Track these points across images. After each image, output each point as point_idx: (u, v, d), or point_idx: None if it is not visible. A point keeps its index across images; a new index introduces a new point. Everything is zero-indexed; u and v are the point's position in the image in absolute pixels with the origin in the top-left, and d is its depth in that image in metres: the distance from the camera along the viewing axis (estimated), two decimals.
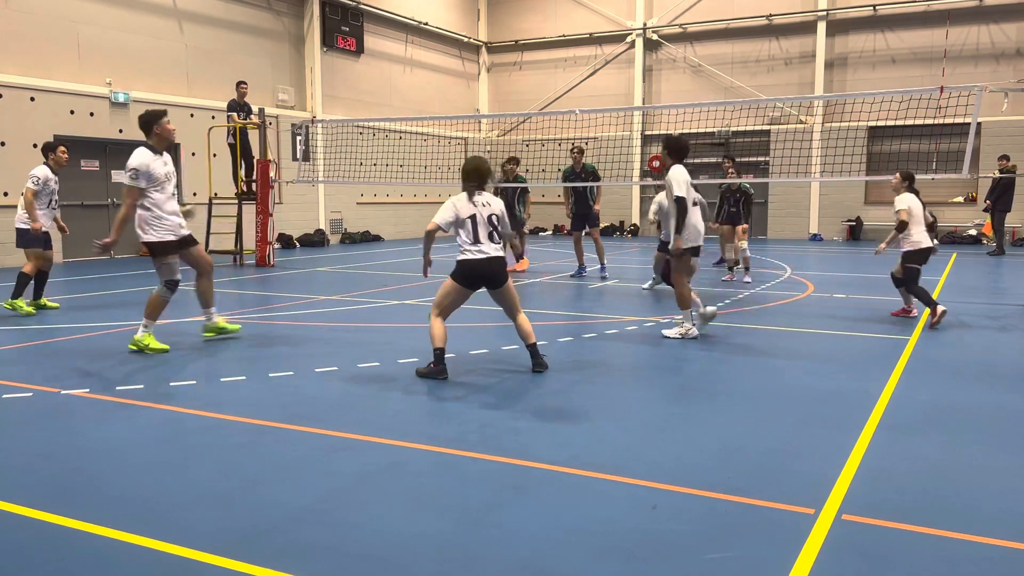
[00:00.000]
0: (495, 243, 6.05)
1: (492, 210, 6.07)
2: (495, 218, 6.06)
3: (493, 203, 6.11)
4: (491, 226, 6.04)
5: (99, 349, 7.08)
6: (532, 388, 5.69)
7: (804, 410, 5.10)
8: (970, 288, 11.57)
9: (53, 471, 4.04)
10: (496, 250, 6.04)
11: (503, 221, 6.14)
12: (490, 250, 6.00)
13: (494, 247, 6.03)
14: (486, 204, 6.06)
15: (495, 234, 6.06)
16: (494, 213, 6.06)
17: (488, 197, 6.13)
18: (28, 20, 14.53)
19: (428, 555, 3.09)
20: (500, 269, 6.05)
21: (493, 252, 6.01)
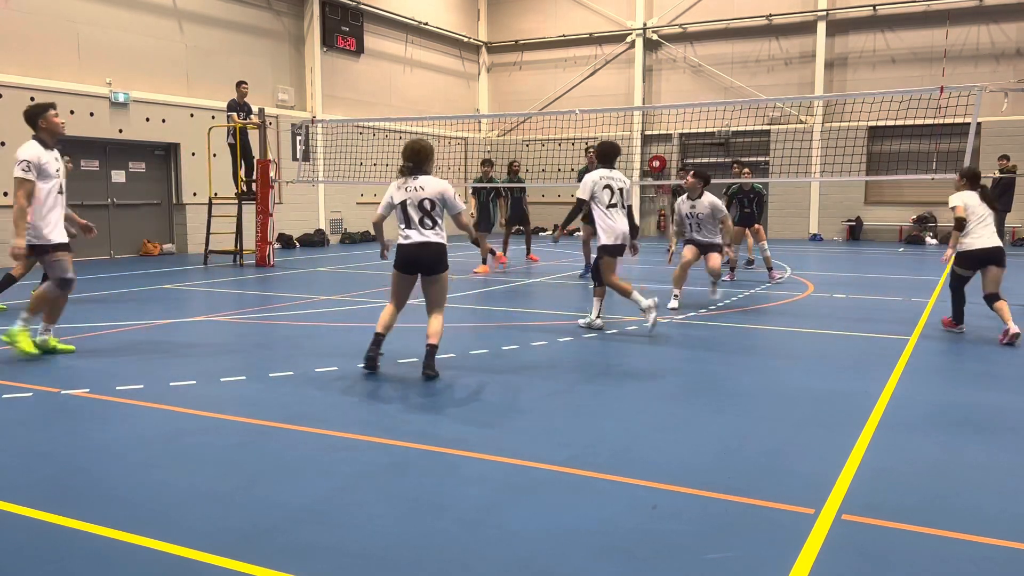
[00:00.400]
0: (427, 228, 5.88)
1: (425, 194, 5.88)
2: (428, 203, 5.88)
3: (428, 187, 5.91)
4: (423, 211, 5.88)
5: (99, 349, 7.08)
6: (532, 388, 5.69)
7: (804, 410, 5.10)
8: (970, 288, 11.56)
9: (53, 471, 4.04)
10: (428, 236, 5.86)
11: (445, 205, 5.95)
12: (418, 235, 5.86)
13: (425, 232, 5.87)
14: (419, 188, 5.89)
15: (428, 219, 5.88)
16: (427, 198, 5.88)
17: (424, 181, 5.94)
18: (28, 20, 14.52)
19: (428, 555, 3.09)
20: (429, 256, 5.89)
21: (422, 237, 5.86)
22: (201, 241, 15.79)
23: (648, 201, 25.52)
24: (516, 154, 24.63)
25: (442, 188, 5.95)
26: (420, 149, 6.02)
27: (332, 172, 18.74)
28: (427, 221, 5.89)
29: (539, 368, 6.32)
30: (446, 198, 5.95)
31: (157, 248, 16.83)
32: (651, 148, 24.80)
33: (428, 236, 5.88)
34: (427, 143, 6.13)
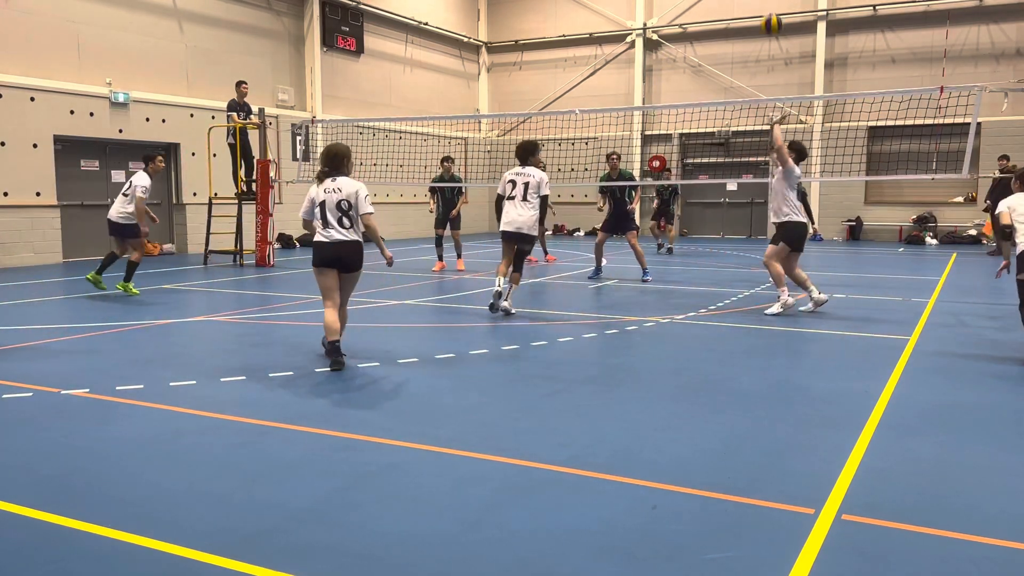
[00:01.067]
0: (345, 227, 6.20)
1: (342, 195, 6.19)
2: (345, 203, 6.18)
3: (345, 188, 6.21)
4: (340, 211, 6.18)
5: (99, 349, 7.08)
6: (532, 388, 5.69)
7: (804, 410, 5.10)
8: (970, 288, 11.58)
9: (53, 471, 4.04)
10: (346, 234, 6.19)
11: (356, 206, 6.21)
12: (337, 234, 6.18)
13: (343, 231, 6.19)
14: (337, 190, 6.20)
15: (345, 219, 6.19)
16: (344, 199, 6.18)
17: (341, 183, 6.24)
18: (28, 20, 14.53)
19: (428, 555, 3.09)
20: (348, 253, 6.22)
21: (340, 236, 6.18)
22: (201, 241, 15.79)
23: (648, 201, 25.50)
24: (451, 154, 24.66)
25: (356, 189, 6.25)
26: (336, 153, 6.34)
27: None
28: (345, 221, 6.21)
29: (539, 368, 6.32)
30: (358, 199, 6.23)
31: (157, 248, 16.83)
32: (651, 148, 24.81)
33: (347, 235, 6.22)
34: (344, 146, 6.43)
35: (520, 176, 8.81)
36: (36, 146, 14.68)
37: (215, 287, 11.61)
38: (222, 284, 11.99)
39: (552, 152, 25.47)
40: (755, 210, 23.67)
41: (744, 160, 22.88)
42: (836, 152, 19.58)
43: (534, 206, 8.71)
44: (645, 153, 24.61)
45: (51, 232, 14.91)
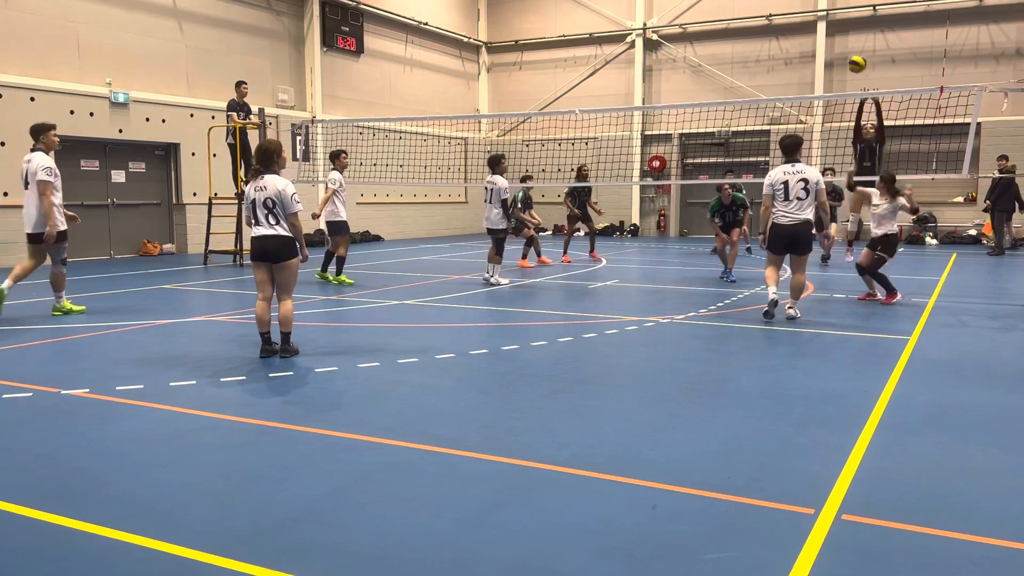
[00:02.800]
0: (271, 223, 6.52)
1: (267, 194, 6.52)
2: (270, 201, 6.52)
3: (269, 187, 6.53)
4: (266, 208, 6.53)
5: (99, 349, 7.08)
6: (532, 388, 5.69)
7: (804, 410, 5.10)
8: (970, 288, 11.58)
9: (53, 471, 4.04)
10: (273, 230, 6.52)
11: (280, 203, 6.52)
12: (264, 229, 6.53)
13: (268, 227, 6.52)
14: (263, 188, 6.54)
15: (271, 216, 6.52)
16: (269, 197, 6.52)
17: (268, 180, 6.56)
18: (28, 20, 14.53)
19: (428, 555, 3.09)
20: (273, 246, 6.52)
21: (266, 231, 6.52)
22: (201, 241, 15.79)
23: (648, 201, 25.52)
24: (516, 154, 24.65)
25: (281, 188, 6.54)
26: (267, 149, 6.68)
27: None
28: (271, 218, 6.54)
29: (539, 368, 6.32)
30: (283, 197, 6.54)
31: (157, 248, 16.83)
32: (651, 148, 24.81)
33: (272, 230, 6.53)
34: (275, 143, 6.78)
35: (489, 184, 11.43)
36: None
37: (215, 287, 11.61)
38: (222, 284, 11.99)
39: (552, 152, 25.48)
40: (755, 210, 23.64)
41: (744, 160, 22.87)
42: (836, 152, 19.59)
43: (498, 207, 11.33)
44: (645, 153, 24.61)
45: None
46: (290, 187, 6.56)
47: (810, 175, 8.30)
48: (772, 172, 8.56)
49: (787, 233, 8.35)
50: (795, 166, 8.40)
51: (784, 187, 8.31)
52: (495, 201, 11.34)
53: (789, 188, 8.29)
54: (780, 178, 8.36)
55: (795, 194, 8.28)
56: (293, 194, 6.54)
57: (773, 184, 8.41)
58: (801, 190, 8.27)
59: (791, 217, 8.31)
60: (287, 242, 6.54)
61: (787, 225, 8.33)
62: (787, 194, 8.31)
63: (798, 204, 8.28)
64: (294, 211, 6.54)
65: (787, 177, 8.33)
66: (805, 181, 8.27)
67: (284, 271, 6.59)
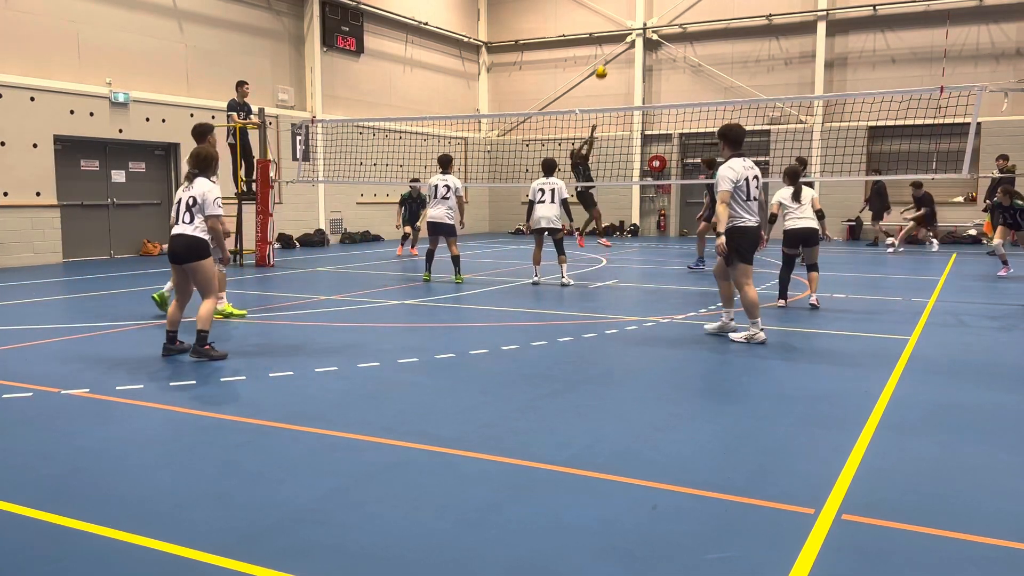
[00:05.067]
0: (184, 221, 6.61)
1: (191, 193, 6.67)
2: (192, 199, 6.65)
3: (194, 188, 6.69)
4: (185, 207, 6.65)
5: (99, 349, 7.08)
6: (532, 388, 5.69)
7: (804, 410, 5.10)
8: (970, 288, 11.58)
9: (53, 471, 4.04)
10: (183, 228, 6.59)
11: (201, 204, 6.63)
12: (178, 229, 6.62)
13: (182, 225, 6.61)
14: (188, 188, 6.72)
15: (188, 213, 6.63)
16: (192, 196, 6.66)
17: (196, 182, 6.71)
18: (28, 20, 14.52)
19: (428, 555, 3.09)
20: (180, 248, 6.58)
21: (178, 230, 6.61)
22: None
23: (648, 201, 25.52)
24: (516, 154, 24.64)
25: (206, 190, 6.68)
26: (207, 155, 6.89)
27: (332, 172, 18.74)
28: (186, 216, 6.65)
29: (539, 368, 6.32)
30: (204, 199, 6.65)
31: (157, 248, 16.82)
32: (651, 148, 24.80)
33: (182, 229, 6.60)
34: (211, 150, 7.04)
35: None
36: (36, 146, 14.68)
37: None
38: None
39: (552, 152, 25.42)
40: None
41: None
42: (836, 152, 19.59)
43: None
44: (645, 153, 24.60)
45: (51, 232, 14.91)
46: (215, 192, 6.69)
47: (758, 171, 7.36)
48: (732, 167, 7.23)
49: (756, 236, 7.37)
50: (746, 161, 7.30)
51: (746, 184, 7.20)
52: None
53: (750, 186, 7.22)
54: (742, 174, 7.17)
55: (754, 194, 7.27)
56: (216, 199, 6.65)
57: (736, 181, 7.17)
58: (756, 189, 7.27)
59: (755, 219, 7.32)
60: (192, 243, 6.56)
61: (754, 228, 7.31)
62: (748, 193, 7.23)
63: (755, 205, 7.31)
64: (213, 214, 6.61)
65: (747, 173, 7.22)
66: (758, 179, 7.31)
67: (196, 274, 6.61)
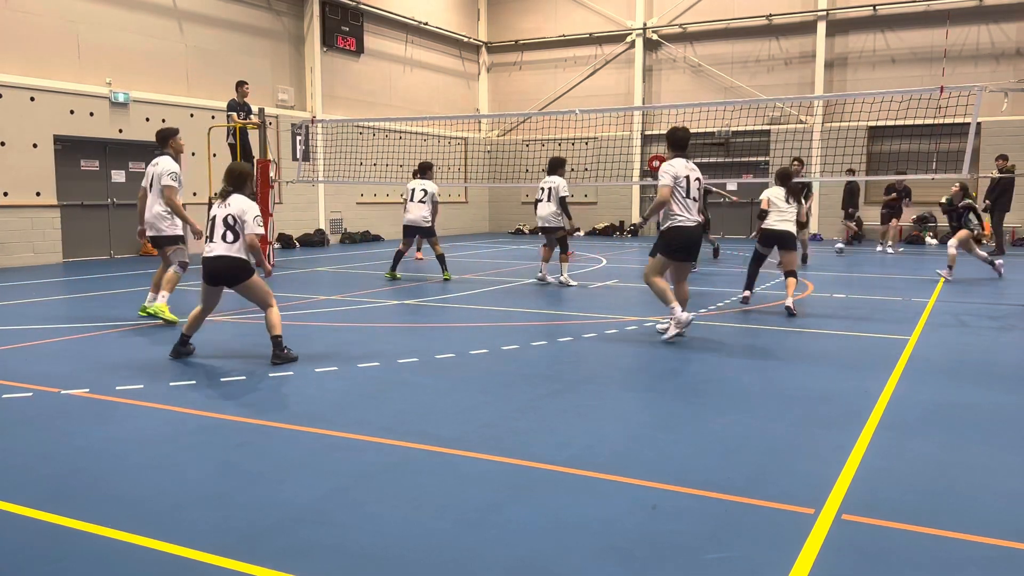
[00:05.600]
0: (227, 242, 6.38)
1: (230, 210, 6.42)
2: (231, 218, 6.40)
3: (233, 204, 6.43)
4: (225, 225, 6.40)
5: (99, 349, 7.08)
6: (532, 388, 5.69)
7: (804, 410, 5.10)
8: (970, 288, 11.57)
9: (53, 471, 4.04)
10: (223, 250, 6.37)
11: (241, 222, 6.40)
12: (217, 249, 6.39)
13: (223, 246, 6.38)
14: (227, 205, 6.45)
15: (229, 232, 6.39)
16: (231, 214, 6.41)
17: (233, 199, 6.46)
18: (28, 20, 14.52)
19: (428, 555, 3.09)
20: (224, 271, 6.38)
21: (218, 251, 6.38)
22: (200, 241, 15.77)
23: (648, 201, 25.51)
24: (516, 154, 24.65)
25: (246, 207, 6.44)
26: (240, 172, 6.62)
27: (332, 172, 18.74)
28: (228, 235, 6.40)
29: (539, 368, 6.32)
30: (245, 217, 6.41)
31: None
32: (651, 148, 24.80)
33: (224, 250, 6.38)
34: (248, 168, 6.78)
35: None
36: (36, 146, 14.68)
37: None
38: None
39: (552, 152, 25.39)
40: (755, 210, 23.69)
41: (744, 160, 22.87)
42: (836, 152, 19.59)
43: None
44: (645, 153, 24.60)
45: (51, 232, 14.91)
46: (255, 210, 6.46)
47: (699, 173, 7.50)
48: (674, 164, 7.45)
49: (689, 236, 7.40)
50: (689, 162, 7.49)
51: (687, 182, 7.36)
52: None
53: (691, 184, 7.37)
54: (683, 172, 7.36)
55: (693, 193, 7.38)
56: (256, 216, 6.42)
57: (677, 178, 7.34)
58: (697, 189, 7.41)
59: (693, 218, 7.40)
60: (235, 264, 6.38)
61: (690, 227, 7.39)
62: (688, 191, 7.36)
63: (695, 204, 7.41)
64: (253, 232, 6.39)
65: (688, 172, 7.38)
66: (699, 180, 7.46)
67: (247, 292, 6.49)
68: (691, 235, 7.40)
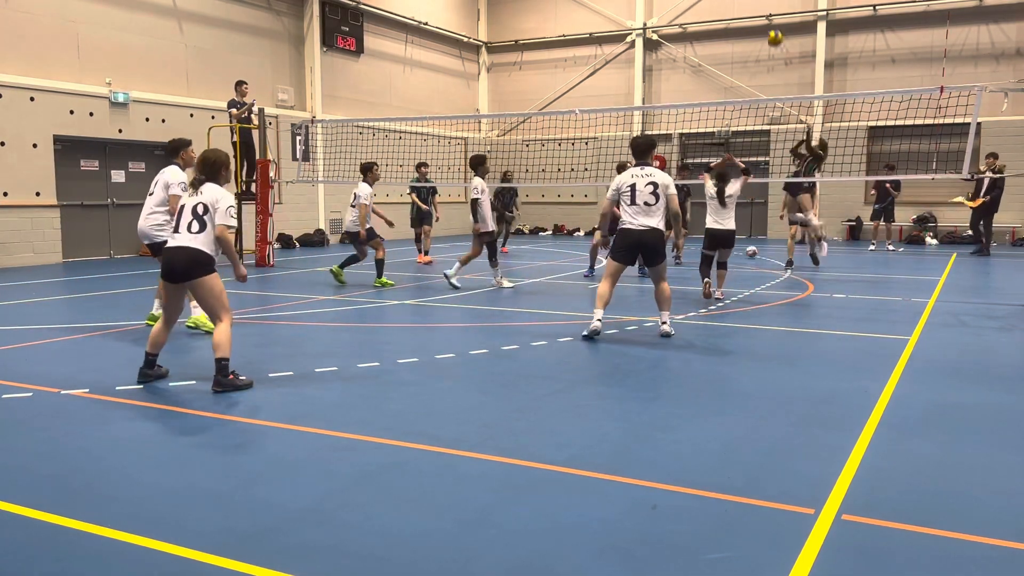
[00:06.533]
0: (191, 232, 5.71)
1: (201, 199, 5.79)
2: (201, 207, 5.77)
3: (206, 193, 5.81)
4: (193, 214, 5.76)
5: (99, 349, 7.08)
6: (531, 388, 5.69)
7: (804, 410, 5.10)
8: (970, 288, 11.58)
9: (53, 471, 4.04)
10: (187, 240, 5.69)
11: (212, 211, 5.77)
12: (180, 240, 5.71)
13: (187, 236, 5.70)
14: (200, 194, 5.84)
15: (196, 222, 5.73)
16: (201, 202, 5.78)
17: (206, 187, 5.85)
18: (28, 20, 14.52)
19: (428, 555, 3.09)
20: (181, 262, 5.66)
21: (180, 242, 5.70)
22: None
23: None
24: (516, 154, 24.64)
25: (219, 197, 5.81)
26: (214, 160, 5.94)
27: (332, 172, 18.73)
28: (194, 224, 5.74)
29: (539, 368, 6.32)
30: (217, 206, 5.76)
31: None
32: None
33: (186, 240, 5.69)
34: (223, 155, 6.03)
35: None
36: (36, 146, 14.68)
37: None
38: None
39: (552, 152, 25.47)
40: (755, 210, 23.67)
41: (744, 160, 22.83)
42: (836, 152, 19.56)
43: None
44: None
45: (51, 232, 14.91)
46: (229, 200, 5.81)
47: (659, 179, 7.59)
48: (620, 176, 7.83)
49: (635, 240, 7.55)
50: (644, 169, 7.68)
51: (631, 190, 7.55)
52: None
53: (636, 191, 7.52)
54: (627, 181, 7.62)
55: (643, 199, 7.50)
56: (230, 207, 5.78)
57: (619, 188, 7.66)
58: (650, 195, 7.49)
59: (639, 223, 7.52)
60: (196, 257, 5.65)
61: (635, 231, 7.53)
62: (634, 198, 7.54)
63: (646, 209, 7.50)
64: (225, 223, 5.74)
65: (635, 180, 7.59)
66: (655, 185, 7.52)
67: (199, 292, 5.71)
68: (636, 238, 7.55)
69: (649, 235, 7.52)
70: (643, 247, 7.60)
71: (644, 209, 7.51)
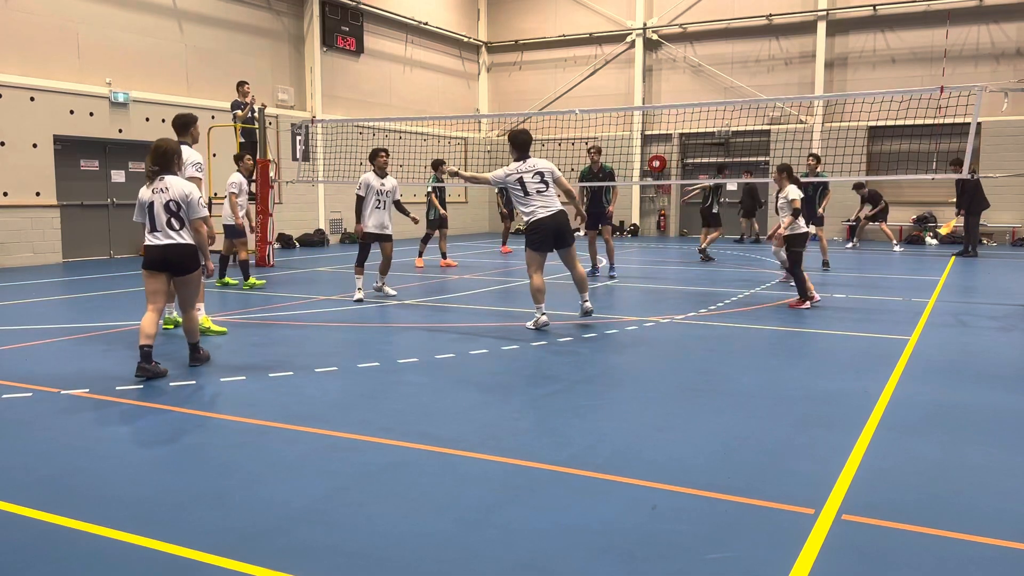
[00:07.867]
0: (175, 230, 5.89)
1: (170, 195, 5.89)
2: (173, 204, 5.88)
3: (172, 188, 5.91)
4: (168, 212, 5.88)
5: (99, 349, 7.08)
6: (532, 388, 5.69)
7: (804, 410, 5.10)
8: (970, 288, 11.58)
9: (53, 471, 4.04)
10: (174, 237, 5.90)
11: (187, 207, 5.93)
12: (165, 238, 5.89)
13: (171, 234, 5.89)
14: (164, 190, 5.90)
15: (174, 219, 5.89)
16: (172, 199, 5.89)
17: (169, 182, 5.94)
18: (28, 20, 14.53)
19: (428, 555, 3.09)
20: (177, 256, 5.93)
21: (168, 240, 5.89)
22: None
23: (648, 201, 25.53)
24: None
25: (187, 191, 5.96)
26: (165, 149, 5.98)
27: (332, 172, 18.74)
28: (174, 223, 5.91)
29: (539, 368, 6.32)
30: (188, 201, 5.95)
31: None
32: (651, 148, 24.81)
33: (174, 238, 5.93)
34: (172, 143, 6.09)
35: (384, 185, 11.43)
36: (36, 146, 14.68)
37: (215, 287, 11.60)
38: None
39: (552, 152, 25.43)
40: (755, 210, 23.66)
41: (744, 160, 22.87)
42: (836, 152, 19.58)
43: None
44: (645, 153, 24.61)
45: (51, 232, 14.92)
46: (196, 190, 6.02)
47: (542, 166, 8.09)
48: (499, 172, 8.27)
49: (551, 226, 7.94)
50: (527, 162, 8.10)
51: (521, 185, 8.00)
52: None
53: (526, 184, 7.99)
54: (514, 176, 8.07)
55: (535, 188, 7.98)
56: (200, 198, 5.99)
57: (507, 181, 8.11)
58: (539, 183, 7.99)
59: (546, 210, 7.96)
60: (191, 251, 5.97)
61: (546, 218, 7.95)
62: (526, 190, 7.99)
63: (542, 198, 7.97)
64: (199, 215, 5.96)
65: (520, 175, 8.04)
66: (540, 175, 8.02)
67: (188, 285, 6.06)
68: (551, 224, 7.96)
69: (560, 216, 8.03)
70: (556, 231, 7.99)
71: (540, 198, 8.00)
